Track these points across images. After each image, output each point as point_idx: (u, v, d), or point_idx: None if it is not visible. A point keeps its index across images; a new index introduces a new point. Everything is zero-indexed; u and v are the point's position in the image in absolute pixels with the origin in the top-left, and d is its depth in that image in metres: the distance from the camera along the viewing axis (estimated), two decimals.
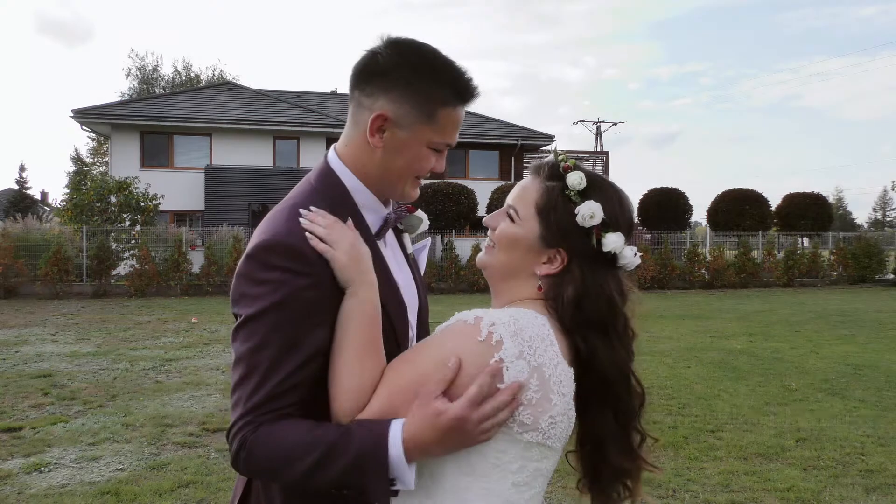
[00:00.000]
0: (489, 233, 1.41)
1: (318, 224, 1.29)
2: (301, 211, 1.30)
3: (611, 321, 1.30)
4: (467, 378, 1.19)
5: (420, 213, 1.51)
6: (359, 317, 1.27)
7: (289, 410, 1.22)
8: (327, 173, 1.39)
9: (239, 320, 1.27)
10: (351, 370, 1.24)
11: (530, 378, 1.21)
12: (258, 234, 1.30)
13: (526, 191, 1.37)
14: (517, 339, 1.21)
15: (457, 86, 1.33)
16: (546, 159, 1.39)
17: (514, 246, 1.35)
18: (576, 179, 1.32)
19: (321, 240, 1.27)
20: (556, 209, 1.32)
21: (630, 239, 1.36)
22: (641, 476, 1.38)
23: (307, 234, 1.28)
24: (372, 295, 1.29)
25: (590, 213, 1.30)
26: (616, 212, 1.33)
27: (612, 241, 1.31)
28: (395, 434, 1.18)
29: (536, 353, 1.22)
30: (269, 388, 1.21)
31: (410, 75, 1.30)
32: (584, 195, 1.32)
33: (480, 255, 1.42)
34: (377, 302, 1.29)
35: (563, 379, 1.25)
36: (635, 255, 1.35)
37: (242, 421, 1.21)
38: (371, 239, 1.37)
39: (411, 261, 1.53)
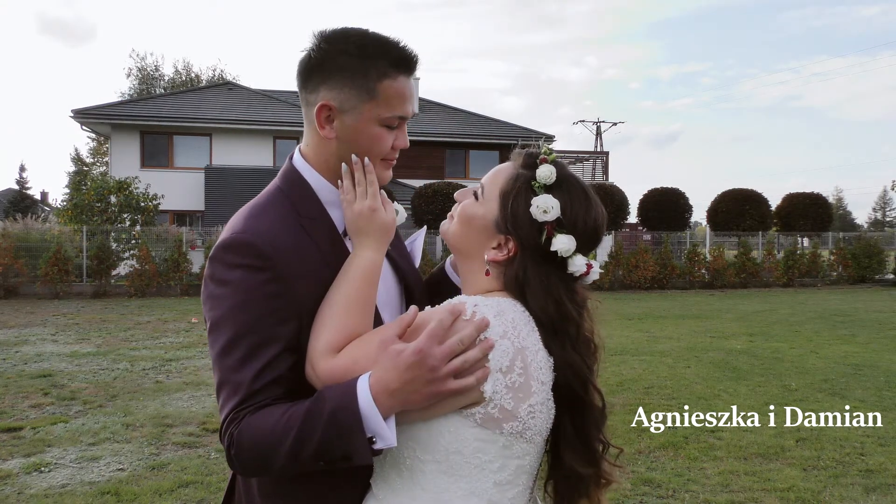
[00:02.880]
0: (455, 205, 1.41)
1: (358, 177, 1.34)
2: (353, 157, 1.35)
3: (560, 324, 1.26)
4: None
5: (396, 205, 1.49)
6: (355, 271, 1.29)
7: (270, 402, 1.22)
8: (291, 174, 1.40)
9: (207, 325, 1.28)
10: (334, 316, 1.25)
11: (514, 360, 1.19)
12: (220, 236, 1.33)
13: (498, 173, 1.36)
14: (501, 319, 1.20)
15: (390, 56, 1.32)
16: (529, 148, 1.37)
17: (469, 223, 1.35)
18: (545, 172, 1.29)
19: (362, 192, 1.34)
20: (516, 196, 1.30)
21: (590, 251, 1.32)
22: (602, 484, 1.33)
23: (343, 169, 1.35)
24: (373, 256, 1.32)
25: (545, 206, 1.27)
26: (577, 215, 1.29)
27: (561, 242, 1.27)
28: (363, 383, 1.17)
29: (520, 336, 1.21)
30: (245, 387, 1.22)
31: (342, 59, 1.31)
32: (548, 190, 1.29)
33: (443, 222, 1.43)
34: (376, 264, 1.32)
35: (542, 366, 1.23)
36: (587, 265, 1.30)
37: (227, 420, 1.23)
38: (338, 238, 1.37)
39: (396, 257, 1.50)
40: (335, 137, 1.34)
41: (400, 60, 1.33)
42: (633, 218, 25.41)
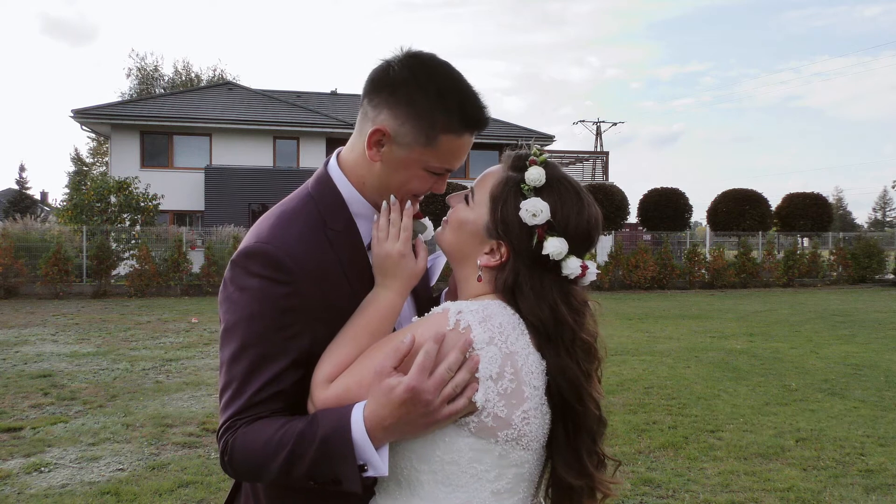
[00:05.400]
0: (449, 210, 1.39)
1: (393, 217, 1.33)
2: (392, 197, 1.34)
3: (554, 329, 1.23)
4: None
5: (426, 220, 1.46)
6: (372, 307, 1.29)
7: (268, 415, 1.23)
8: (324, 181, 1.38)
9: (221, 327, 1.29)
10: (342, 345, 1.25)
11: (504, 366, 1.17)
12: (245, 240, 1.32)
13: (487, 177, 1.34)
14: (486, 326, 1.18)
15: (463, 113, 1.28)
16: (518, 150, 1.34)
17: (461, 228, 1.33)
18: (534, 175, 1.27)
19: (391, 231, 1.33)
20: (505, 200, 1.28)
21: (584, 252, 1.29)
22: (596, 496, 1.29)
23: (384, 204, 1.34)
24: (393, 298, 1.31)
25: (534, 210, 1.24)
26: (569, 218, 1.26)
27: (553, 246, 1.24)
28: (357, 415, 1.17)
29: (508, 341, 1.19)
30: (246, 396, 1.23)
31: (416, 94, 1.27)
32: (538, 193, 1.27)
33: (438, 230, 1.41)
34: (394, 306, 1.31)
35: (534, 371, 1.21)
36: (582, 266, 1.27)
37: (225, 426, 1.24)
38: (362, 252, 1.36)
39: None
40: (379, 161, 1.32)
41: (471, 120, 1.29)
42: (633, 218, 25.41)
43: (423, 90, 1.27)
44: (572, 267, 1.26)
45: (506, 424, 1.18)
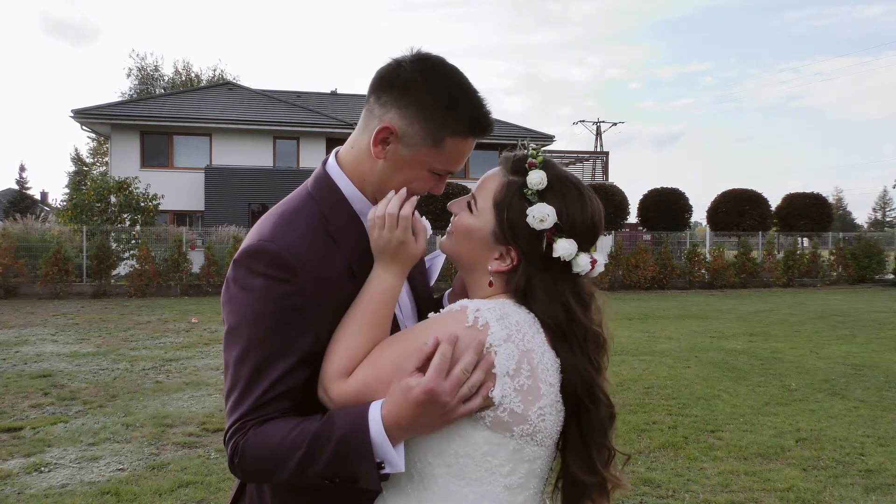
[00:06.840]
0: (452, 217, 1.39)
1: (393, 204, 1.31)
2: (404, 190, 1.33)
3: (567, 327, 1.25)
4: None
5: (424, 220, 1.46)
6: (373, 292, 1.29)
7: (277, 415, 1.23)
8: (324, 180, 1.38)
9: (225, 328, 1.29)
10: (350, 335, 1.25)
11: (521, 363, 1.19)
12: (247, 239, 1.32)
13: (488, 182, 1.34)
14: (504, 323, 1.19)
15: (471, 118, 1.30)
16: (516, 152, 1.35)
17: (468, 237, 1.33)
18: (536, 178, 1.27)
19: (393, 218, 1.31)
20: (510, 206, 1.28)
21: (590, 246, 1.31)
22: (608, 491, 1.32)
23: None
24: (393, 280, 1.30)
25: (541, 216, 1.25)
26: (574, 217, 1.28)
27: (563, 248, 1.26)
28: (375, 414, 1.18)
29: (525, 338, 1.20)
30: (254, 397, 1.22)
31: (427, 96, 1.28)
32: (541, 196, 1.27)
33: (442, 239, 1.41)
34: (395, 289, 1.31)
35: (550, 368, 1.23)
36: (591, 261, 1.29)
37: (233, 428, 1.23)
38: (366, 248, 1.36)
39: (415, 272, 1.49)
40: (383, 159, 1.32)
41: (478, 126, 1.32)
42: (633, 218, 25.41)
43: (433, 93, 1.28)
44: (583, 264, 1.29)
45: (522, 420, 1.19)
